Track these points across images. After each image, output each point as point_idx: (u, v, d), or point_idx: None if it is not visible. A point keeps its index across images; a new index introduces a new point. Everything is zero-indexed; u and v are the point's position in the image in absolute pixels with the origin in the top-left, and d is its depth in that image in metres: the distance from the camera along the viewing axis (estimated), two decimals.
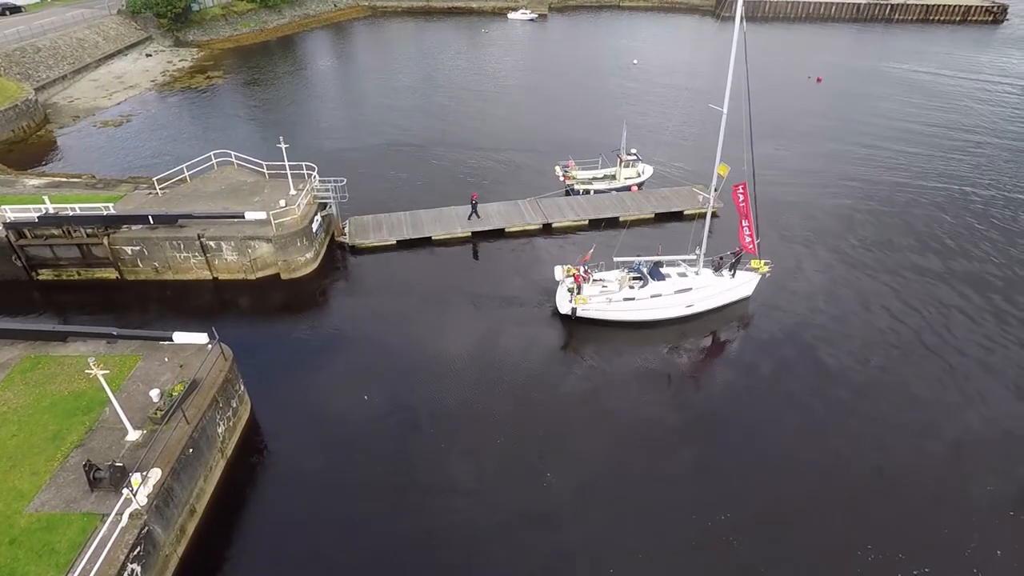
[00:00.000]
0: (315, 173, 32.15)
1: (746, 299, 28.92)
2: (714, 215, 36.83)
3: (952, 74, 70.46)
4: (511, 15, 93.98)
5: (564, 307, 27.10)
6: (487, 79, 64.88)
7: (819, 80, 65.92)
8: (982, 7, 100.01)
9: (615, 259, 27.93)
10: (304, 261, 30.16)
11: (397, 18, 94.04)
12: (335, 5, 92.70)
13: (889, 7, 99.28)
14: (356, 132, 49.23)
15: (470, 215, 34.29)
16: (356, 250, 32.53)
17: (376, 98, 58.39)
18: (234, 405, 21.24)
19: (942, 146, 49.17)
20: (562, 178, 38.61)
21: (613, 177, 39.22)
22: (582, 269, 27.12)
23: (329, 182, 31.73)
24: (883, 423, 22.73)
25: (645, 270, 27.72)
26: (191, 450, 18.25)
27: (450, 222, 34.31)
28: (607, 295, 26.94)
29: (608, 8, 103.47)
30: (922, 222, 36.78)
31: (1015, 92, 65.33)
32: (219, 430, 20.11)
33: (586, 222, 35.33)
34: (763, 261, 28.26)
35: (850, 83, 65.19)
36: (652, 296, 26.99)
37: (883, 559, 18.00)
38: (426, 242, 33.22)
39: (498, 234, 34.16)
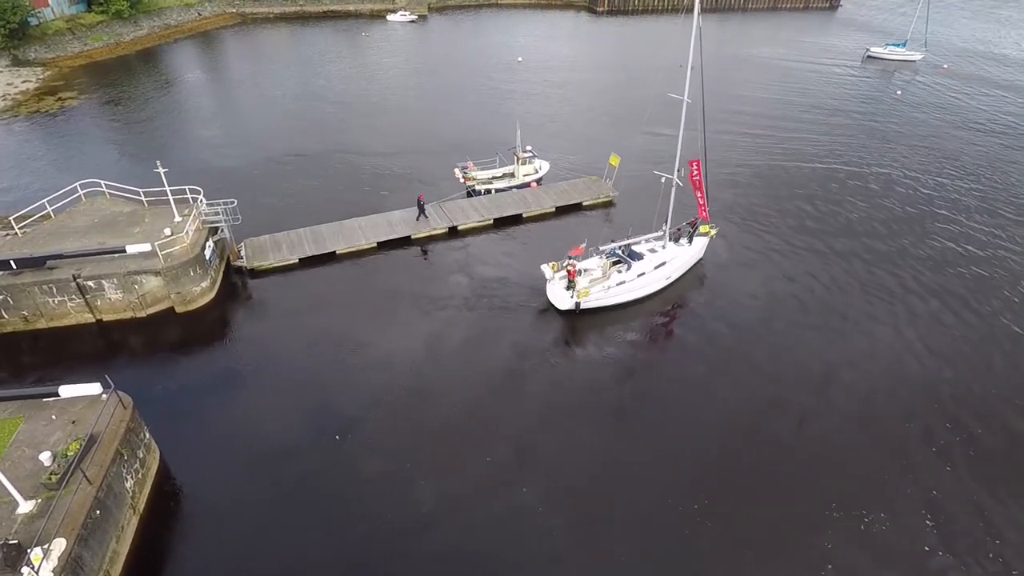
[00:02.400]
0: (201, 196, 30.18)
1: (701, 260, 32.03)
2: (611, 204, 38.74)
3: (803, 57, 77.91)
4: (390, 17, 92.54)
5: (566, 303, 27.61)
6: (372, 83, 63.61)
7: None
8: None
9: (600, 248, 29.52)
10: (200, 291, 28.30)
11: (269, 24, 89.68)
12: (199, 13, 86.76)
13: None
14: (240, 148, 46.55)
15: (418, 216, 34.62)
16: (256, 273, 30.93)
17: (257, 110, 55.52)
18: (141, 456, 19.66)
19: (803, 122, 54.38)
20: (462, 180, 38.77)
21: (512, 175, 39.91)
22: (574, 263, 27.87)
23: (218, 204, 29.90)
24: (817, 382, 25.04)
25: (623, 253, 29.54)
26: (98, 512, 16.73)
27: (353, 234, 33.46)
28: (602, 283, 28.00)
29: (487, 7, 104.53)
30: (795, 191, 40.66)
31: (854, 70, 73.38)
32: (127, 485, 18.56)
33: (491, 222, 35.76)
34: (710, 226, 31.66)
35: (716, 69, 70.10)
36: (639, 275, 28.75)
37: (850, 516, 19.55)
38: (331, 257, 32.20)
39: (405, 241, 33.80)
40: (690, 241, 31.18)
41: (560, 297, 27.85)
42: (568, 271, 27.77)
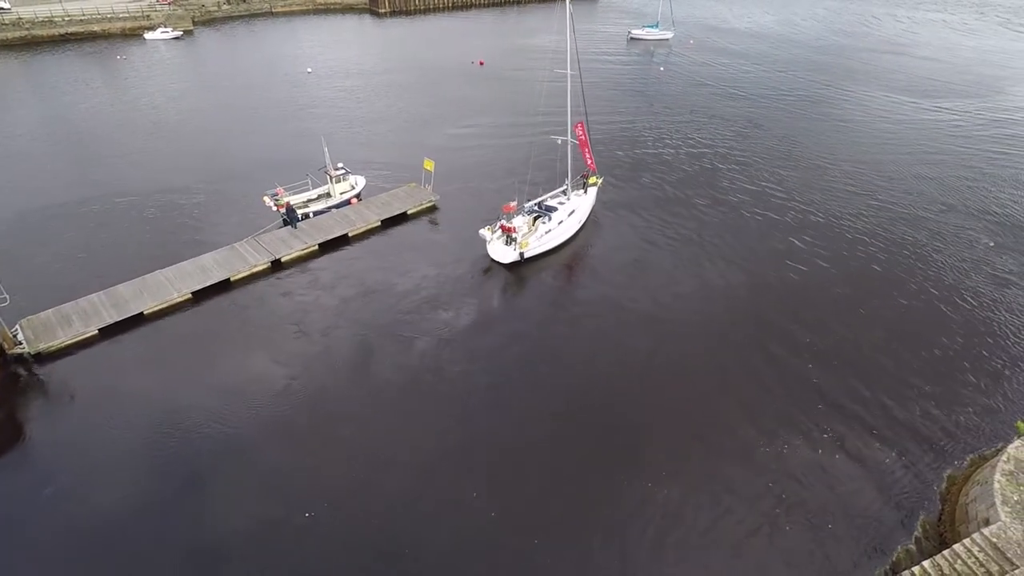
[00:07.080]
0: None
1: (593, 206, 37.88)
2: (435, 208, 39.03)
3: (579, 43, 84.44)
4: (148, 35, 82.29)
5: (509, 256, 31.88)
6: (141, 112, 56.28)
7: (481, 63, 72.95)
8: None
9: (524, 206, 34.33)
10: None
11: None
12: None
13: None
14: None
15: (291, 225, 34.50)
16: (44, 357, 26.12)
17: None
18: None
19: (611, 101, 59.03)
20: (275, 208, 36.19)
21: (328, 195, 38.29)
22: (507, 221, 31.99)
23: None
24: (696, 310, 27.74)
25: (541, 209, 34.74)
26: None
27: (161, 289, 29.72)
28: (534, 235, 32.72)
29: (260, 16, 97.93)
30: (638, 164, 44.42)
31: (622, 51, 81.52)
32: None
33: (316, 247, 34.03)
34: (597, 176, 37.68)
35: (505, 63, 73.56)
36: (559, 223, 34.13)
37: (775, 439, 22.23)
38: (139, 320, 28.31)
39: (224, 286, 30.81)
40: (585, 190, 37.17)
41: (503, 253, 31.96)
42: (505, 228, 31.86)
